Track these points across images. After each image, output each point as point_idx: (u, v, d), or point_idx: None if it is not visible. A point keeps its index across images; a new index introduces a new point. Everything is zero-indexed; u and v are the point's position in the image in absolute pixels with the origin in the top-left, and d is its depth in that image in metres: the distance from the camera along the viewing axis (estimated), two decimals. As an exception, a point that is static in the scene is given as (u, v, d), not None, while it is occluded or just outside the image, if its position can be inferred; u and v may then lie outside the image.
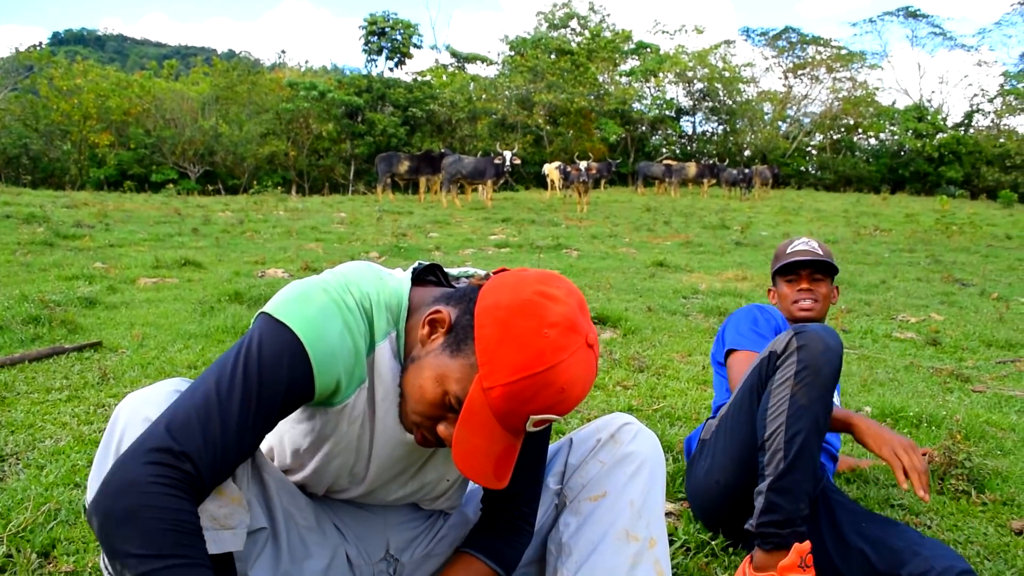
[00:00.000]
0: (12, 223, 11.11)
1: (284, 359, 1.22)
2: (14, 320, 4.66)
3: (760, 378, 2.02)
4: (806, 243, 2.60)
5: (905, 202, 28.44)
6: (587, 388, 1.24)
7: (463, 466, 1.23)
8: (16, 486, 2.42)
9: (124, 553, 1.09)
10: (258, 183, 28.89)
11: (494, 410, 1.20)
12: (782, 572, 1.82)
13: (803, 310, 2.53)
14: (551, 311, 1.19)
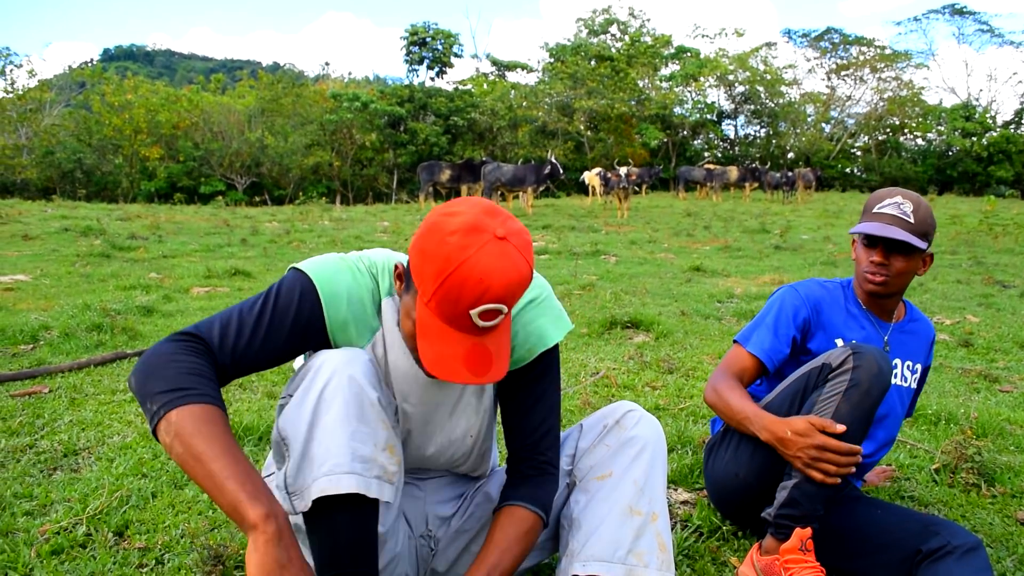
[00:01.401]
0: (71, 236, 11.59)
1: (296, 290, 1.55)
2: (79, 328, 4.97)
3: (806, 386, 2.12)
4: (898, 205, 2.18)
5: (953, 203, 27.98)
6: (513, 273, 1.38)
7: (436, 371, 1.40)
8: (90, 476, 2.67)
9: (152, 393, 1.36)
10: (303, 193, 29.54)
11: (439, 317, 1.41)
12: (784, 554, 1.97)
13: (870, 283, 2.25)
14: (450, 223, 1.39)
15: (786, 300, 2.34)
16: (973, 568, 1.83)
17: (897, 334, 2.36)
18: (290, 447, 1.44)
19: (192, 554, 2.09)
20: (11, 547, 2.14)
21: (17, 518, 2.33)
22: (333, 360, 1.48)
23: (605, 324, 5.62)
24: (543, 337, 1.69)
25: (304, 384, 1.47)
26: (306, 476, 1.39)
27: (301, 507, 1.40)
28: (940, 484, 2.86)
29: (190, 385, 1.36)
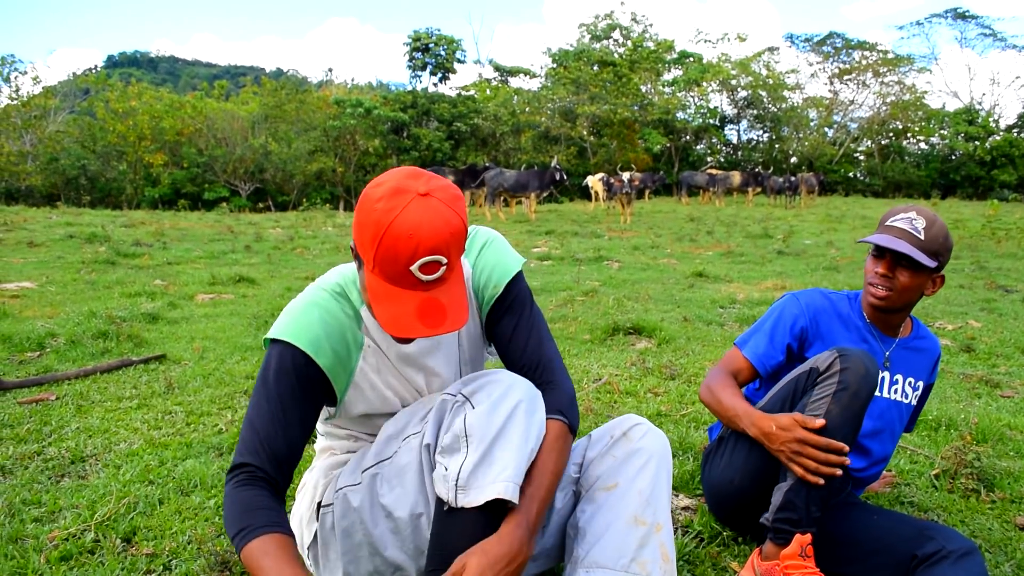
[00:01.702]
0: (75, 243, 11.65)
1: (287, 364, 1.64)
2: (85, 335, 5.01)
3: (795, 391, 2.15)
4: (911, 220, 2.17)
5: (956, 207, 27.97)
6: (441, 224, 1.46)
7: (392, 329, 1.49)
8: (97, 483, 2.71)
9: (231, 536, 1.52)
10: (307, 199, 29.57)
11: (385, 279, 1.49)
12: (783, 559, 2.00)
13: (872, 295, 2.25)
14: (374, 192, 1.48)
15: (786, 308, 2.37)
16: (968, 572, 1.86)
17: (900, 350, 2.37)
18: (471, 446, 1.55)
19: (199, 560, 2.12)
20: (20, 553, 2.17)
21: (26, 524, 2.36)
22: (522, 384, 1.66)
23: (608, 330, 5.64)
24: (505, 270, 1.81)
25: (496, 396, 1.61)
26: (483, 477, 1.53)
27: (465, 501, 1.51)
28: (940, 490, 2.88)
29: (246, 524, 1.51)
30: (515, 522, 1.54)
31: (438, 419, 1.65)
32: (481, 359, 1.94)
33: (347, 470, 1.80)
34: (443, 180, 1.52)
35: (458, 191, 1.54)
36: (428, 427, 1.65)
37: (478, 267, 1.81)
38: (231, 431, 3.28)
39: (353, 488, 1.74)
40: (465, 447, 1.55)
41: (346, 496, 1.74)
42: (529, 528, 1.55)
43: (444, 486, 1.54)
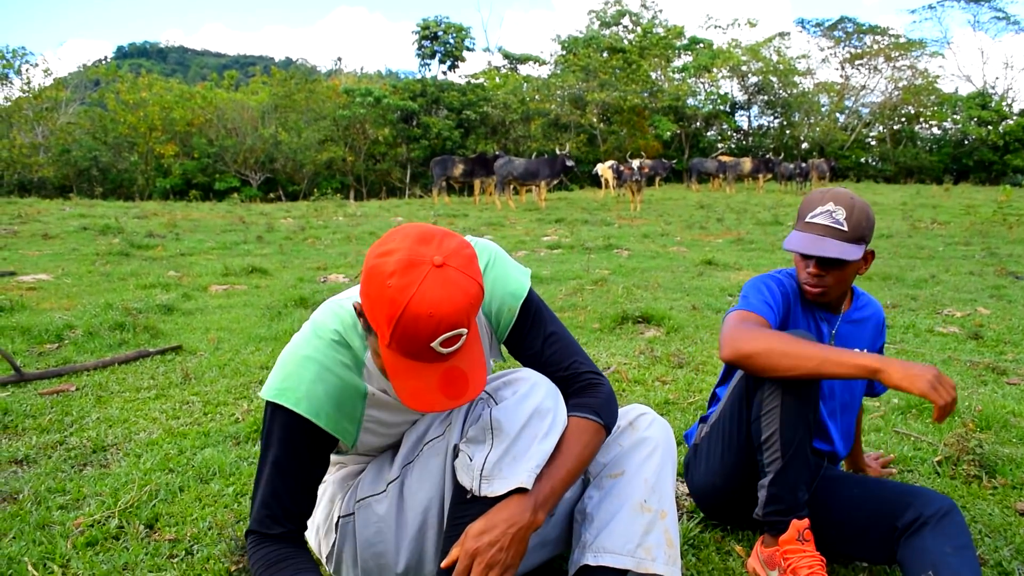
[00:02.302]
0: (89, 235, 11.77)
1: (287, 427, 1.63)
2: (102, 327, 5.10)
3: (748, 387, 2.17)
4: (830, 213, 2.15)
5: (968, 193, 27.82)
6: (461, 298, 1.39)
7: (415, 406, 1.45)
8: (119, 471, 2.79)
9: None
10: (317, 189, 29.69)
11: (404, 355, 1.44)
12: (783, 545, 2.06)
13: (809, 293, 2.27)
14: (386, 265, 1.39)
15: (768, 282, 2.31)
16: (947, 536, 1.90)
17: (844, 325, 2.38)
18: (496, 438, 1.61)
19: (220, 545, 2.20)
20: (48, 539, 2.25)
21: (52, 512, 2.45)
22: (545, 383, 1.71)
23: (616, 319, 5.69)
24: (515, 294, 1.80)
25: (520, 393, 1.67)
26: (506, 469, 1.59)
27: (489, 491, 1.57)
28: (942, 476, 2.93)
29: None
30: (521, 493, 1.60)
31: (464, 416, 1.70)
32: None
33: (366, 481, 1.84)
34: (453, 241, 1.45)
35: (471, 249, 1.48)
36: (454, 428, 1.71)
37: (486, 289, 1.77)
38: (247, 420, 3.35)
39: (377, 497, 1.79)
40: (490, 439, 1.61)
41: (370, 505, 1.79)
42: (535, 500, 1.59)
43: (468, 475, 1.60)
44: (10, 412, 3.45)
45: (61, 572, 2.07)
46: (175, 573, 2.07)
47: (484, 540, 1.53)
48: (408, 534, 1.75)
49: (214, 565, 2.10)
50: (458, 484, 1.65)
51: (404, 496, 1.76)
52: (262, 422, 1.68)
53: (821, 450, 2.39)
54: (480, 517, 1.56)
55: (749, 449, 2.17)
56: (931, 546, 1.90)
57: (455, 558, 1.55)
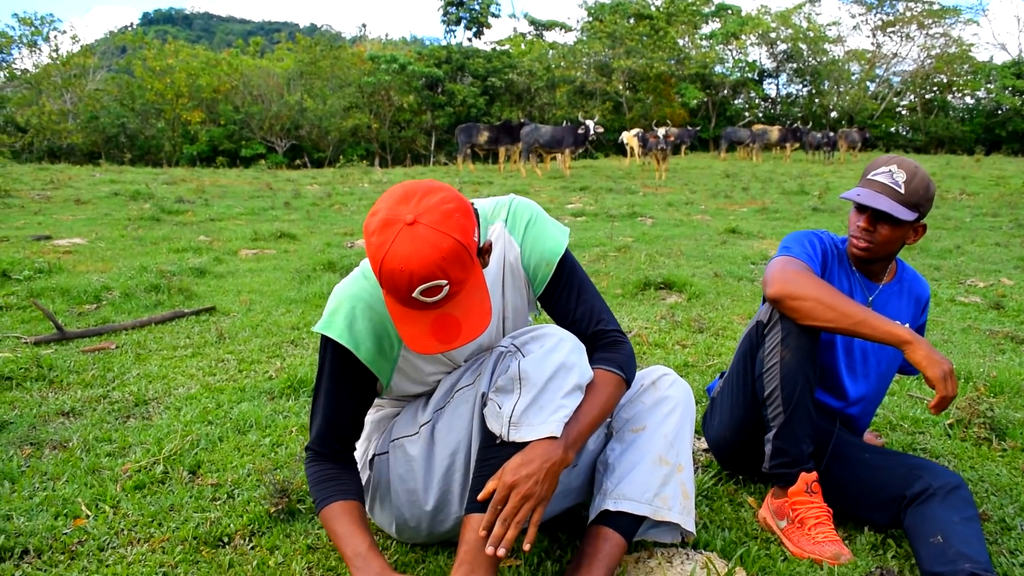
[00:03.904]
0: (120, 200, 11.97)
1: (334, 356, 1.81)
2: (138, 288, 5.26)
3: (751, 345, 2.29)
4: (891, 174, 2.21)
5: (1000, 164, 27.34)
6: (431, 253, 1.48)
7: (411, 346, 1.59)
8: (161, 423, 2.94)
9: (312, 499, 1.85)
10: (343, 156, 29.81)
11: (396, 302, 1.58)
12: (792, 496, 2.15)
13: (855, 247, 2.32)
14: (371, 224, 1.53)
15: (809, 237, 2.39)
16: (955, 508, 1.99)
17: (884, 295, 2.43)
18: (524, 387, 1.71)
19: (260, 489, 2.33)
20: (99, 483, 2.40)
21: (100, 458, 2.60)
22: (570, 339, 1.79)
23: (639, 285, 5.77)
24: (553, 250, 1.91)
25: (548, 347, 1.75)
26: (535, 416, 1.68)
27: (517, 437, 1.68)
28: (953, 438, 3.01)
29: (318, 496, 1.82)
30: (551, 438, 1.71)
31: (492, 367, 1.80)
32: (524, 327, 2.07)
33: (402, 422, 1.97)
34: (434, 198, 1.54)
35: (451, 206, 1.54)
36: (483, 378, 1.81)
37: (526, 246, 1.90)
38: (281, 377, 3.49)
39: (411, 438, 1.91)
40: (519, 389, 1.71)
41: (403, 446, 1.92)
42: (566, 441, 1.70)
43: (497, 422, 1.71)
44: (55, 368, 3.60)
45: (112, 512, 2.22)
46: (218, 513, 2.20)
47: (522, 473, 1.64)
48: (437, 474, 1.87)
49: (255, 507, 2.23)
50: (486, 430, 1.76)
51: (435, 439, 1.88)
52: (319, 354, 1.85)
53: (834, 407, 2.45)
54: (516, 454, 1.67)
55: (755, 404, 2.27)
56: (940, 515, 1.98)
57: (492, 490, 1.67)
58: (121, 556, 1.99)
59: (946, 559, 1.85)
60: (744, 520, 2.27)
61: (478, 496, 1.69)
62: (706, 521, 2.23)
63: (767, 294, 2.18)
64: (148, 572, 1.90)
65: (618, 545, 1.83)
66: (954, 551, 1.85)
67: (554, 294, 1.94)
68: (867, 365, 2.42)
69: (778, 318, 2.18)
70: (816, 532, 2.08)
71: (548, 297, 1.95)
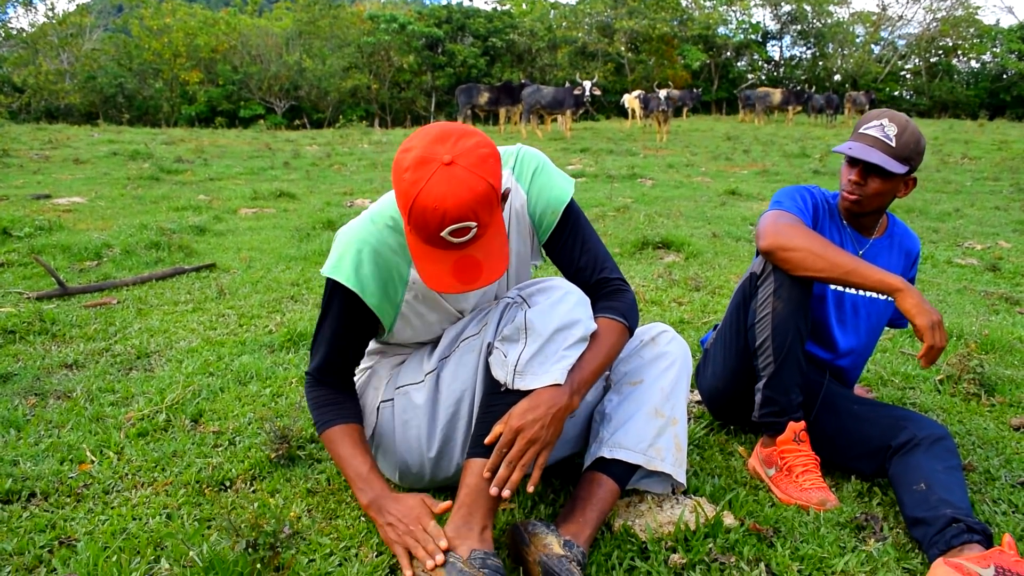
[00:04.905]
0: (119, 159, 11.94)
1: (338, 297, 1.85)
2: (138, 246, 5.29)
3: (744, 296, 2.34)
4: (882, 127, 2.23)
5: (1003, 128, 27.16)
6: (465, 193, 1.52)
7: (431, 285, 1.62)
8: (163, 374, 2.98)
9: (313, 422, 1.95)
10: (342, 116, 29.62)
11: (420, 240, 1.60)
12: (780, 445, 2.20)
13: (846, 199, 2.34)
14: (404, 160, 1.55)
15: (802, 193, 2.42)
16: (938, 457, 2.04)
17: (874, 249, 2.46)
18: (530, 337, 1.74)
19: (260, 436, 2.38)
20: (103, 430, 2.45)
21: (104, 407, 2.64)
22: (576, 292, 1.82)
23: (637, 244, 5.80)
24: (559, 199, 1.93)
25: (554, 299, 1.78)
26: (540, 365, 1.72)
27: (522, 385, 1.72)
28: (943, 393, 3.05)
29: (317, 419, 1.92)
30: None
31: (499, 318, 1.83)
32: (527, 276, 2.08)
33: (407, 370, 2.01)
34: (469, 141, 1.56)
35: (486, 150, 1.57)
36: (489, 327, 1.84)
37: (532, 193, 1.92)
38: (280, 332, 3.53)
39: (416, 386, 1.95)
40: (524, 338, 1.74)
41: (408, 393, 1.96)
42: (571, 387, 1.74)
43: (502, 370, 1.74)
44: (57, 322, 3.64)
45: (116, 457, 2.27)
46: (221, 459, 2.25)
47: (528, 417, 1.68)
48: (441, 422, 1.91)
49: (256, 453, 2.28)
50: (491, 378, 1.80)
51: (439, 387, 1.91)
52: (324, 294, 1.89)
53: (824, 359, 2.49)
54: (523, 400, 1.71)
55: (747, 354, 2.31)
56: (924, 463, 2.03)
57: (498, 433, 1.70)
58: (126, 499, 2.04)
59: (928, 505, 1.90)
60: (734, 468, 2.32)
61: (485, 439, 1.72)
62: (696, 468, 2.29)
63: (759, 247, 2.22)
64: (152, 513, 1.95)
65: (612, 491, 1.88)
66: (936, 498, 1.90)
67: (559, 242, 1.96)
68: (857, 318, 2.46)
69: (771, 270, 2.22)
70: (803, 479, 2.13)
71: (552, 245, 1.97)
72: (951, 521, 1.81)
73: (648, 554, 1.81)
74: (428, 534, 1.67)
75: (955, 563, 1.68)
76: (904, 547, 1.91)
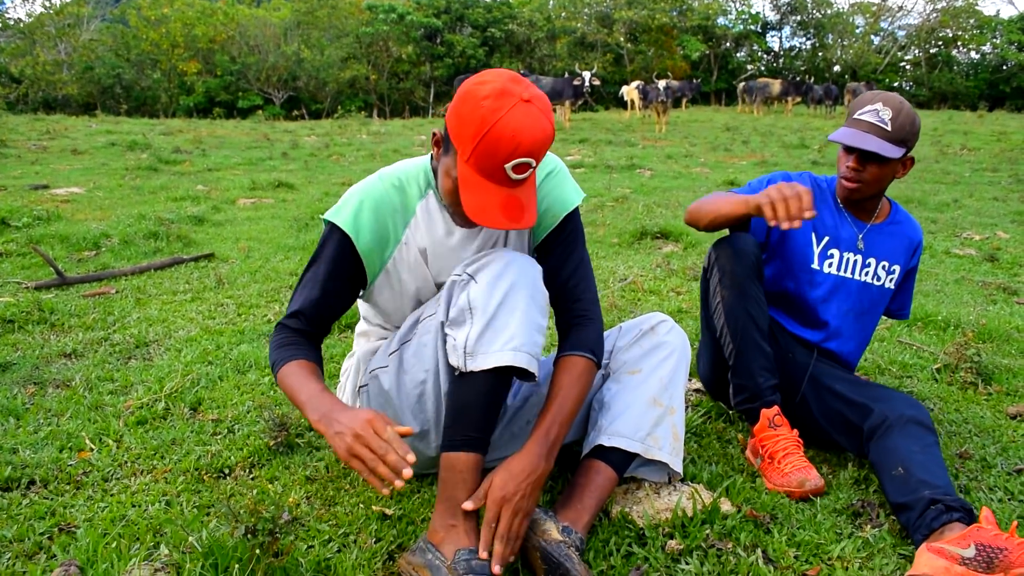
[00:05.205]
0: (117, 150, 11.93)
1: (333, 241, 1.83)
2: (137, 236, 5.29)
3: (705, 291, 2.40)
4: (877, 112, 2.22)
5: (1002, 120, 27.08)
6: (539, 131, 1.59)
7: (477, 218, 1.62)
8: (162, 363, 2.99)
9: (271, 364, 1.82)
10: (340, 107, 29.52)
11: (478, 172, 1.63)
12: (757, 433, 2.22)
13: (844, 186, 2.35)
14: (481, 90, 1.59)
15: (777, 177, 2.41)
16: (914, 437, 2.03)
17: (874, 234, 2.46)
18: (475, 316, 1.71)
19: (259, 424, 2.39)
20: (102, 419, 2.46)
21: (103, 396, 2.65)
22: (520, 258, 1.77)
23: (636, 234, 5.80)
24: (565, 202, 1.93)
25: (496, 271, 1.73)
26: (489, 344, 1.68)
27: (474, 366, 1.69)
28: (940, 382, 3.06)
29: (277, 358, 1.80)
30: (535, 441, 1.74)
31: (448, 298, 1.81)
32: None
33: (378, 354, 2.01)
34: (538, 90, 1.63)
35: (549, 102, 1.66)
36: (440, 308, 1.83)
37: (541, 192, 1.90)
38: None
39: (384, 369, 1.94)
40: (470, 318, 1.72)
41: (378, 377, 1.95)
42: (548, 446, 1.73)
43: (455, 355, 1.73)
44: (56, 312, 3.65)
45: (115, 445, 2.27)
46: (219, 447, 2.26)
47: (509, 488, 1.66)
48: (409, 403, 1.91)
49: (254, 441, 2.29)
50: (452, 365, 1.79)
51: (403, 368, 1.91)
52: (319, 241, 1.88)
53: (812, 341, 2.48)
54: (498, 469, 1.70)
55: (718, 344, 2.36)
56: (900, 445, 2.02)
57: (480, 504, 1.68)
58: (125, 486, 2.05)
59: (908, 489, 1.89)
60: (731, 455, 2.33)
61: (465, 505, 1.68)
62: (694, 456, 2.29)
63: None
64: (151, 500, 1.96)
65: (610, 478, 1.89)
66: (915, 480, 1.89)
67: (551, 248, 1.94)
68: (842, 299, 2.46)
69: (714, 260, 2.28)
70: (784, 464, 2.12)
71: (545, 249, 1.95)
72: (930, 503, 1.81)
73: (645, 540, 1.82)
74: (386, 441, 1.54)
75: (937, 548, 1.68)
76: (900, 533, 1.91)
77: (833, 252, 2.43)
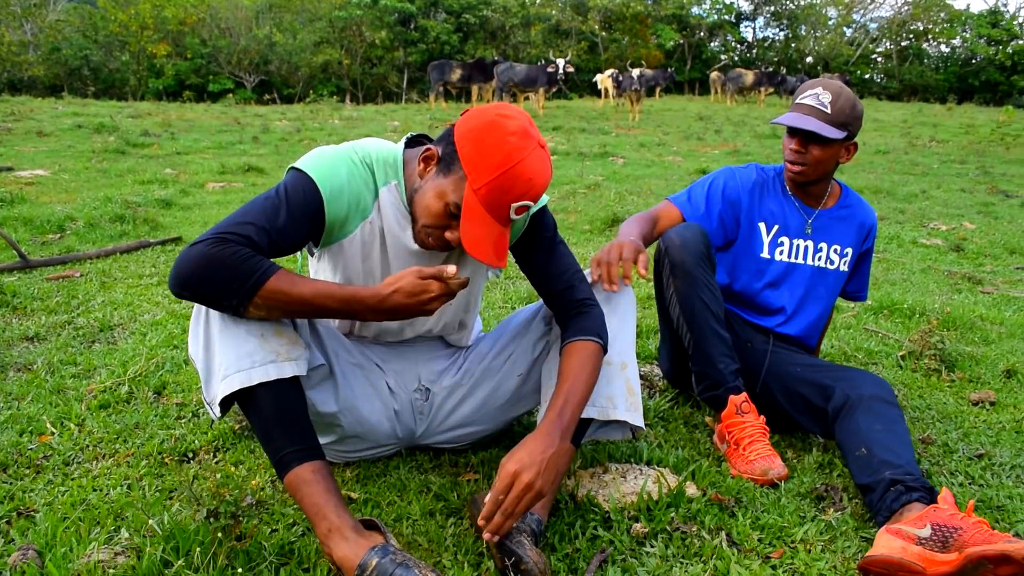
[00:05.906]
0: (84, 132, 11.73)
1: (301, 186, 1.64)
2: (102, 219, 5.21)
3: (662, 285, 2.39)
4: (817, 96, 2.29)
5: (971, 113, 27.48)
6: (547, 179, 1.63)
7: (472, 250, 1.58)
8: (127, 347, 2.95)
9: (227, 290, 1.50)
10: (313, 92, 29.24)
11: (484, 204, 1.59)
12: (724, 419, 2.23)
13: (789, 170, 2.40)
14: (509, 124, 1.58)
15: (724, 177, 2.50)
16: (876, 415, 2.05)
17: (823, 219, 2.50)
18: (200, 371, 1.63)
19: (225, 408, 2.36)
20: (64, 403, 2.42)
21: (66, 380, 2.61)
22: None
23: (607, 221, 5.81)
24: None
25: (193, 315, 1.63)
26: (212, 389, 1.60)
27: (215, 415, 1.63)
28: (904, 369, 3.10)
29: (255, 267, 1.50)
30: (548, 421, 1.69)
31: None
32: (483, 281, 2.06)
33: None
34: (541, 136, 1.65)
35: None
36: None
37: None
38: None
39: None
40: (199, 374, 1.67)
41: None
42: (562, 427, 1.68)
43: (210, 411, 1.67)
44: (18, 295, 3.58)
45: (77, 429, 2.24)
46: (183, 431, 2.24)
47: (524, 463, 1.59)
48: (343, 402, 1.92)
49: (219, 425, 2.27)
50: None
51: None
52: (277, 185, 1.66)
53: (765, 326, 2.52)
54: (517, 447, 1.64)
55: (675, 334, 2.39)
56: (863, 425, 2.04)
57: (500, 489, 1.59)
58: (87, 470, 2.02)
59: (871, 469, 1.91)
60: (698, 440, 2.34)
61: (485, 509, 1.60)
62: (660, 440, 2.30)
63: None
64: (113, 484, 1.93)
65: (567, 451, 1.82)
66: (878, 460, 1.92)
67: (528, 248, 1.88)
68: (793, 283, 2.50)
69: (664, 251, 2.30)
70: (749, 451, 2.13)
71: (523, 251, 1.89)
72: (891, 484, 1.83)
73: (611, 523, 1.83)
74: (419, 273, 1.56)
75: (895, 529, 1.69)
76: (862, 516, 1.93)
77: (783, 240, 2.48)
